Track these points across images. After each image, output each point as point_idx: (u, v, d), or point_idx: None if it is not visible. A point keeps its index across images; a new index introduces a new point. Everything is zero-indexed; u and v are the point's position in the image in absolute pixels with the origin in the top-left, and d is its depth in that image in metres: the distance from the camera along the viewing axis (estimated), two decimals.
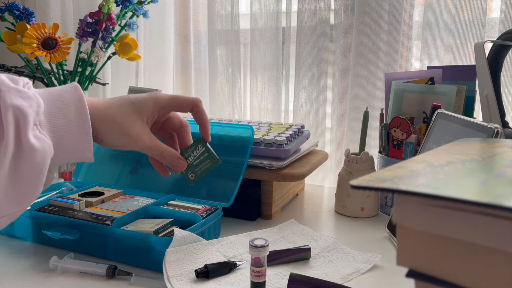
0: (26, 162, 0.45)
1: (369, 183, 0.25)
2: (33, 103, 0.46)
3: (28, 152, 0.45)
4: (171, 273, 0.47)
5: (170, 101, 0.54)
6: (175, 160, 0.54)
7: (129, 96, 0.53)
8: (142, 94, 0.53)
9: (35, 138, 0.45)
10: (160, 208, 0.61)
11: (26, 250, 0.57)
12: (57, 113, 0.48)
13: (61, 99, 0.49)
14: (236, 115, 1.14)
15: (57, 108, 0.49)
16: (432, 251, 0.27)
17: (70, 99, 0.49)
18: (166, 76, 1.23)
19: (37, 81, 0.97)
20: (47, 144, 0.46)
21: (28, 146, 0.45)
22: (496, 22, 0.86)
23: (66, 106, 0.49)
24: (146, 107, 0.52)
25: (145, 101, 0.52)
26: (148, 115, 0.52)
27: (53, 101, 0.49)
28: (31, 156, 0.45)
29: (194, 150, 0.56)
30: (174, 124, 0.58)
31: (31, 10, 0.91)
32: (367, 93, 0.97)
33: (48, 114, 0.48)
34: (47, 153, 0.46)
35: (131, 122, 0.51)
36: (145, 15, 0.97)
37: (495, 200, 0.21)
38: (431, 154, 0.34)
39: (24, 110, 0.45)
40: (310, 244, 0.56)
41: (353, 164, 0.71)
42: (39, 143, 0.46)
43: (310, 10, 1.00)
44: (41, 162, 0.46)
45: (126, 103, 0.52)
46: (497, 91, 0.65)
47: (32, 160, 0.45)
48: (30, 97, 0.47)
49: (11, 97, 0.45)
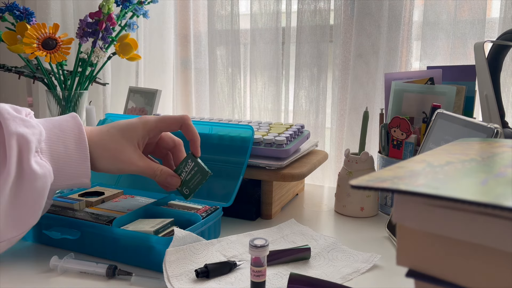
0: (27, 187, 0.46)
1: (369, 183, 0.25)
2: (35, 131, 0.49)
3: (29, 177, 0.46)
4: (171, 273, 0.47)
5: (158, 123, 0.56)
6: (168, 177, 0.57)
7: (120, 123, 0.55)
8: (131, 120, 0.56)
9: (37, 164, 0.47)
10: (160, 208, 0.61)
11: (26, 250, 0.57)
12: (56, 140, 0.51)
13: (60, 128, 0.52)
14: (236, 115, 1.14)
15: (57, 136, 0.51)
16: (432, 251, 0.27)
17: (69, 128, 0.52)
18: (166, 76, 1.23)
19: (37, 81, 0.97)
20: (47, 170, 0.48)
21: (30, 172, 0.46)
22: (495, 22, 0.86)
23: (65, 134, 0.51)
24: (136, 132, 0.55)
25: (135, 127, 0.55)
26: (138, 139, 0.55)
27: (53, 129, 0.51)
28: (32, 181, 0.47)
29: (185, 166, 0.58)
30: (167, 143, 0.60)
31: (31, 10, 0.91)
32: (367, 93, 0.97)
33: (49, 141, 0.50)
34: (47, 178, 0.48)
35: (123, 148, 0.54)
36: (145, 15, 0.97)
37: (495, 200, 0.21)
38: (430, 154, 0.34)
39: (27, 138, 0.47)
40: (310, 244, 0.56)
41: (353, 164, 0.71)
42: (40, 168, 0.47)
43: (310, 10, 1.00)
44: (42, 187, 0.47)
45: (116, 131, 0.54)
46: (496, 91, 0.65)
47: (33, 185, 0.47)
48: (33, 126, 0.49)
49: (15, 125, 0.47)
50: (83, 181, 0.52)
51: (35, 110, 1.34)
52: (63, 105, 0.93)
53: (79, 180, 0.51)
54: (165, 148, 0.61)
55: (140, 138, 0.55)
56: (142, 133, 0.55)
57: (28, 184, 0.46)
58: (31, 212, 0.48)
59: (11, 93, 1.39)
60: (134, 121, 0.55)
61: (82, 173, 0.51)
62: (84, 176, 0.51)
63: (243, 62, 1.12)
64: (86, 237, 0.55)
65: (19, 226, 0.47)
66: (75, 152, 0.51)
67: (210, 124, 0.73)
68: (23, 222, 0.47)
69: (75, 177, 0.51)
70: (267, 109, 1.09)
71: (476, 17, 0.85)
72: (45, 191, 0.48)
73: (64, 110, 0.93)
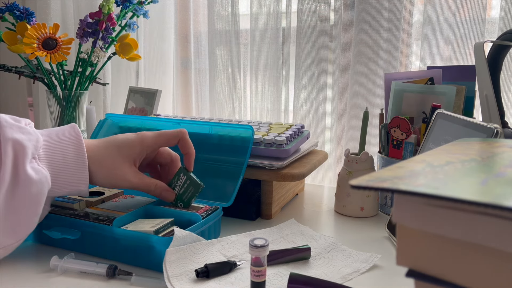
0: (22, 192, 0.46)
1: (368, 183, 0.26)
2: (32, 138, 0.49)
3: (25, 183, 0.46)
4: (171, 272, 0.47)
5: (156, 139, 0.57)
6: (163, 192, 0.58)
7: (117, 139, 0.56)
8: (129, 137, 0.56)
9: (32, 170, 0.47)
10: (160, 208, 0.61)
11: (26, 250, 0.57)
12: (54, 148, 0.51)
13: (59, 137, 0.52)
14: (236, 115, 1.14)
15: (55, 144, 0.51)
16: (432, 251, 0.27)
17: (67, 137, 0.52)
18: (166, 76, 1.23)
19: (38, 81, 0.97)
20: (43, 176, 0.48)
21: (25, 177, 0.46)
22: (495, 22, 0.86)
23: (63, 143, 0.52)
24: (133, 150, 0.55)
25: (132, 144, 0.55)
26: (135, 157, 0.56)
27: (52, 138, 0.52)
28: (27, 186, 0.46)
29: (178, 180, 0.59)
30: (165, 158, 0.61)
31: (31, 10, 0.91)
32: (366, 93, 0.97)
33: (47, 149, 0.50)
34: (43, 184, 0.48)
35: (119, 165, 0.54)
36: (145, 15, 0.97)
37: (495, 200, 0.21)
38: (430, 154, 0.34)
39: (23, 143, 0.47)
40: (310, 244, 0.56)
41: (353, 164, 0.71)
42: (36, 174, 0.47)
43: (310, 10, 1.00)
44: (37, 193, 0.47)
45: (114, 148, 0.55)
46: (496, 91, 0.65)
47: (29, 190, 0.47)
48: (30, 133, 0.49)
49: (11, 132, 0.47)
50: (81, 188, 0.52)
51: (35, 110, 1.34)
52: (63, 105, 0.93)
53: (77, 188, 0.52)
54: (162, 163, 0.62)
55: (137, 156, 0.55)
56: (140, 151, 0.55)
57: (23, 190, 0.46)
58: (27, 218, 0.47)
59: (11, 93, 1.39)
60: (132, 137, 0.56)
61: (80, 181, 0.52)
62: (82, 184, 0.52)
63: (243, 62, 1.12)
64: (86, 237, 0.55)
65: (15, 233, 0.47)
66: (73, 160, 0.51)
67: (210, 124, 0.73)
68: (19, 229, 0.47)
69: (73, 185, 0.51)
70: (267, 109, 1.10)
71: (476, 17, 0.85)
72: (41, 197, 0.48)
73: (64, 110, 0.93)
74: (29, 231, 0.49)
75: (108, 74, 1.23)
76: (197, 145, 0.68)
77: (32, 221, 0.48)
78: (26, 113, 1.39)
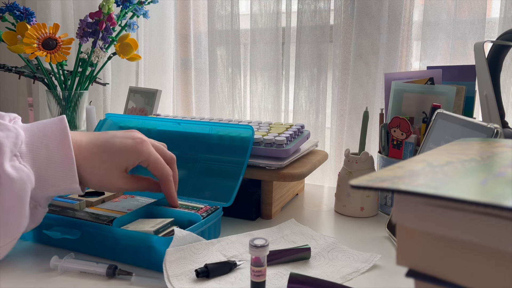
0: (5, 192, 0.44)
1: (368, 183, 0.26)
2: (10, 134, 0.46)
3: (5, 182, 0.44)
4: (171, 272, 0.47)
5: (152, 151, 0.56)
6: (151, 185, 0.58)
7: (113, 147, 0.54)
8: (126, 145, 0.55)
9: (12, 168, 0.45)
10: (160, 208, 0.61)
11: (26, 250, 0.57)
12: (38, 144, 0.49)
13: (44, 132, 0.50)
14: (236, 115, 1.14)
15: (39, 139, 0.49)
16: (432, 251, 0.27)
17: (52, 131, 0.50)
18: (166, 76, 1.23)
19: (38, 81, 0.97)
20: (25, 174, 0.46)
21: (5, 176, 0.44)
22: (495, 22, 0.86)
23: (47, 137, 0.49)
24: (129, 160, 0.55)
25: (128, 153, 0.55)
26: (128, 165, 0.55)
27: (36, 132, 0.49)
28: (9, 186, 0.45)
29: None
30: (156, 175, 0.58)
31: (31, 10, 0.91)
32: (366, 93, 0.97)
33: (30, 145, 0.48)
34: (25, 183, 0.46)
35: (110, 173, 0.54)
36: (146, 15, 0.97)
37: (495, 200, 0.21)
38: (430, 154, 0.34)
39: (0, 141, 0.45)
40: (310, 244, 0.56)
41: (353, 164, 0.71)
42: (17, 173, 0.45)
43: (310, 10, 1.00)
44: (20, 192, 0.45)
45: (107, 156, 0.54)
46: (496, 91, 0.65)
47: (11, 190, 0.45)
48: (9, 129, 0.47)
49: None
50: (72, 186, 0.49)
51: (35, 110, 1.34)
52: (63, 105, 0.93)
53: (68, 186, 0.49)
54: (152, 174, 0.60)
55: (130, 165, 0.55)
56: (134, 162, 0.55)
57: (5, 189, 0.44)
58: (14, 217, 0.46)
59: (11, 93, 1.39)
60: (129, 145, 0.54)
61: (69, 178, 0.49)
62: (71, 181, 0.49)
63: (243, 62, 1.12)
64: (86, 237, 0.55)
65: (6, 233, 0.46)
66: (59, 156, 0.49)
67: (210, 124, 0.73)
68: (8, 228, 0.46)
69: (62, 183, 0.49)
70: (267, 109, 1.10)
71: (476, 17, 0.85)
72: (24, 196, 0.46)
73: (64, 110, 0.93)
74: (20, 230, 0.47)
75: (108, 74, 1.23)
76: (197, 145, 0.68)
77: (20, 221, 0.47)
78: (26, 113, 1.39)
